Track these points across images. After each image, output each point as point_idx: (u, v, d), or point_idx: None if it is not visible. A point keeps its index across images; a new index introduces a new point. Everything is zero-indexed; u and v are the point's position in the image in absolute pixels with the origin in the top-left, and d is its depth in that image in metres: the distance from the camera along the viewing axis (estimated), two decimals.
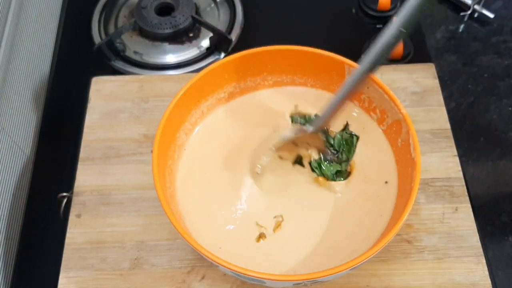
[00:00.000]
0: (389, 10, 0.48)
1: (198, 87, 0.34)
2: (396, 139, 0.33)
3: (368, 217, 0.32)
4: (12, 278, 0.37)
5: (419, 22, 0.48)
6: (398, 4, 0.48)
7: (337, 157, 0.33)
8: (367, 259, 0.27)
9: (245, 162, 0.35)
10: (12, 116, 0.40)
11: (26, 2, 0.45)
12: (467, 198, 0.35)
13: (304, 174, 0.34)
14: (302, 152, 0.33)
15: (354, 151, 0.33)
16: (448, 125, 0.38)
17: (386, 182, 0.33)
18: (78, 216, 0.35)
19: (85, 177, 0.37)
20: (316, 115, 0.33)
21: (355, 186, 0.34)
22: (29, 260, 0.38)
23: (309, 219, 0.33)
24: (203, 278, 0.33)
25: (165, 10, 0.47)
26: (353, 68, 0.33)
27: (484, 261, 0.33)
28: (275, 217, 0.33)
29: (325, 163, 0.33)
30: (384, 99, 0.33)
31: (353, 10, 0.50)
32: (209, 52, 0.47)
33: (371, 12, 0.48)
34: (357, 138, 0.34)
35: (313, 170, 0.33)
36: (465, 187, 0.35)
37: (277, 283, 0.29)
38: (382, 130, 0.35)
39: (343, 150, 0.34)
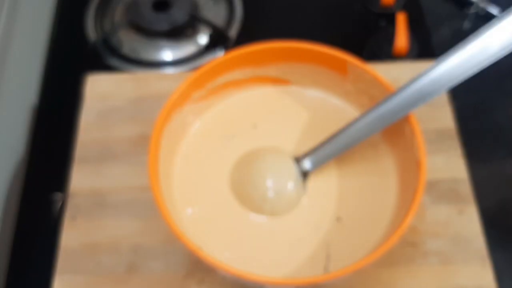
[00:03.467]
0: (393, 7, 0.47)
1: (195, 86, 0.33)
2: (399, 139, 0.32)
3: (370, 220, 0.32)
4: (5, 281, 0.37)
5: (424, 19, 0.47)
6: (401, 0, 0.47)
7: None
8: (370, 263, 0.27)
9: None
10: (4, 115, 0.40)
11: None
12: (473, 200, 0.34)
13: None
14: None
15: None
16: (453, 125, 0.37)
17: (387, 181, 0.32)
18: (73, 218, 0.34)
19: (80, 178, 0.36)
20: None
21: (356, 187, 0.33)
22: (22, 264, 0.37)
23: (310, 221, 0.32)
24: (201, 282, 0.32)
25: (161, 6, 0.47)
26: (357, 67, 0.32)
27: (490, 264, 0.32)
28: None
29: None
30: None
31: (356, 6, 0.49)
32: (207, 49, 0.46)
33: (373, 9, 0.48)
34: None
35: None
36: (470, 189, 0.35)
37: (277, 287, 0.28)
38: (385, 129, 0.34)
39: None
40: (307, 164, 0.31)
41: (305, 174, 0.31)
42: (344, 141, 0.30)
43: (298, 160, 0.32)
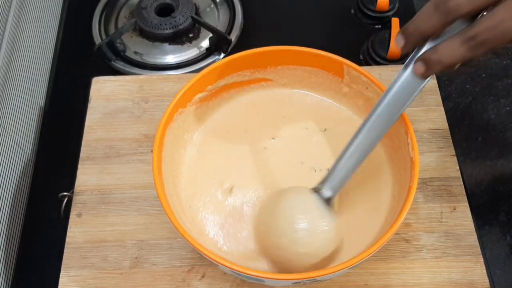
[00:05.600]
0: (388, 11, 0.48)
1: (198, 87, 0.34)
2: (394, 139, 0.33)
3: (366, 216, 0.33)
4: (13, 277, 0.38)
5: None
6: (397, 5, 0.49)
7: None
8: (366, 258, 0.27)
9: (245, 161, 0.35)
10: (13, 116, 0.41)
11: (27, 2, 0.45)
12: (465, 197, 0.35)
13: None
14: None
15: None
16: (446, 125, 0.38)
17: (381, 180, 0.33)
18: (79, 215, 0.35)
19: (86, 176, 0.37)
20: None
21: (352, 186, 0.34)
22: (30, 259, 0.38)
23: None
24: (203, 276, 0.33)
25: (165, 11, 0.48)
26: (353, 70, 0.33)
27: (482, 260, 0.33)
28: None
29: None
30: None
31: (352, 11, 0.50)
32: (209, 52, 0.47)
33: (369, 13, 0.48)
34: None
35: None
36: (463, 187, 0.36)
37: (276, 282, 0.29)
38: None
39: None
40: (326, 192, 0.29)
41: (328, 201, 0.29)
42: (354, 158, 0.28)
43: (316, 190, 0.29)
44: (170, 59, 0.47)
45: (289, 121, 0.37)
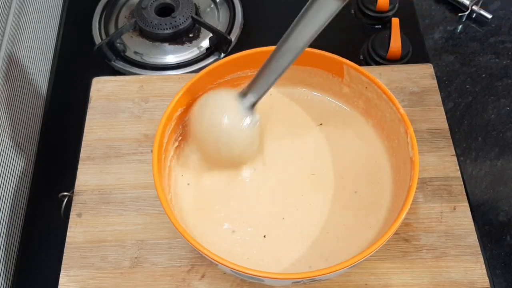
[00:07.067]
0: (388, 11, 0.48)
1: (198, 87, 0.34)
2: (394, 139, 0.33)
3: (366, 216, 0.33)
4: (13, 276, 0.38)
5: (418, 23, 0.48)
6: (397, 5, 0.49)
7: None
8: (366, 257, 0.27)
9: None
10: (13, 117, 0.41)
11: (27, 2, 0.45)
12: (465, 197, 0.35)
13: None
14: None
15: None
16: (446, 125, 0.38)
17: (381, 181, 0.33)
18: (79, 215, 0.35)
19: (86, 176, 0.37)
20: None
21: (352, 184, 0.34)
22: (30, 259, 0.38)
23: (307, 217, 0.33)
24: (203, 276, 0.33)
25: (165, 11, 0.48)
26: (353, 70, 0.34)
27: (482, 260, 0.33)
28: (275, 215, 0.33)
29: None
30: (382, 99, 0.33)
31: (352, 11, 0.50)
32: (209, 52, 0.47)
33: (369, 13, 0.49)
34: None
35: None
36: (463, 186, 0.36)
37: (276, 281, 0.29)
38: (380, 129, 0.35)
39: None
40: (250, 97, 0.32)
41: (252, 106, 0.32)
42: (276, 66, 0.31)
43: (242, 94, 0.32)
44: (170, 59, 0.47)
45: (289, 122, 0.37)
